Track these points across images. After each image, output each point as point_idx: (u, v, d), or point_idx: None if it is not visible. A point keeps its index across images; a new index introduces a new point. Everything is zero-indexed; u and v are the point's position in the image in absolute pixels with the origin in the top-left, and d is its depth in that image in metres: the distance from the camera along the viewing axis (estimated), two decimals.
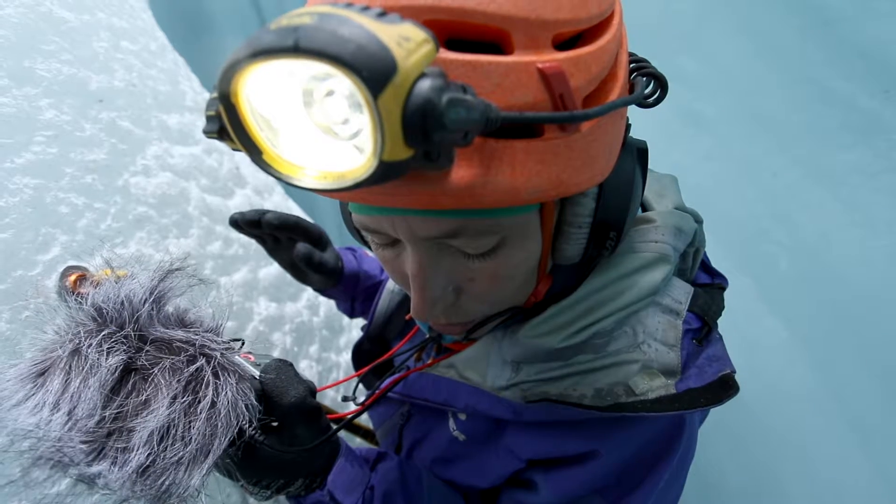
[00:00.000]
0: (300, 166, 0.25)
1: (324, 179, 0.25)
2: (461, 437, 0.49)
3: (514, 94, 0.26)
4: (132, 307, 0.35)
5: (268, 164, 0.25)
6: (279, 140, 0.25)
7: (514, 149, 0.27)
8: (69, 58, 0.57)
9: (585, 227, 0.35)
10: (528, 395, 0.42)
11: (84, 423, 0.31)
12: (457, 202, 0.27)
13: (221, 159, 0.81)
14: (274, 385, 0.41)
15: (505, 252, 0.34)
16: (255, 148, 0.25)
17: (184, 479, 0.32)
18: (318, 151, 0.25)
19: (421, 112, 0.21)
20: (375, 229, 0.35)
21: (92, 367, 0.32)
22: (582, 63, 0.28)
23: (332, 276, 0.67)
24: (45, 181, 0.49)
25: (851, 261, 0.87)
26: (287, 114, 0.25)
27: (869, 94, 0.91)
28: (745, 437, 0.92)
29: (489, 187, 0.27)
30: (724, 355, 0.41)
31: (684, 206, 0.47)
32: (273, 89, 0.24)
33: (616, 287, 0.40)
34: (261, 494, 0.43)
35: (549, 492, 0.44)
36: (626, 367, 0.40)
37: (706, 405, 0.38)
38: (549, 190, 0.29)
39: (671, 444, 0.41)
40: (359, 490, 0.45)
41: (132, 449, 0.31)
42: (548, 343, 0.40)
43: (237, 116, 0.24)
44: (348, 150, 0.25)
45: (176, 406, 0.33)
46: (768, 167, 0.97)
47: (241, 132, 0.25)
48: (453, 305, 0.37)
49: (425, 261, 0.34)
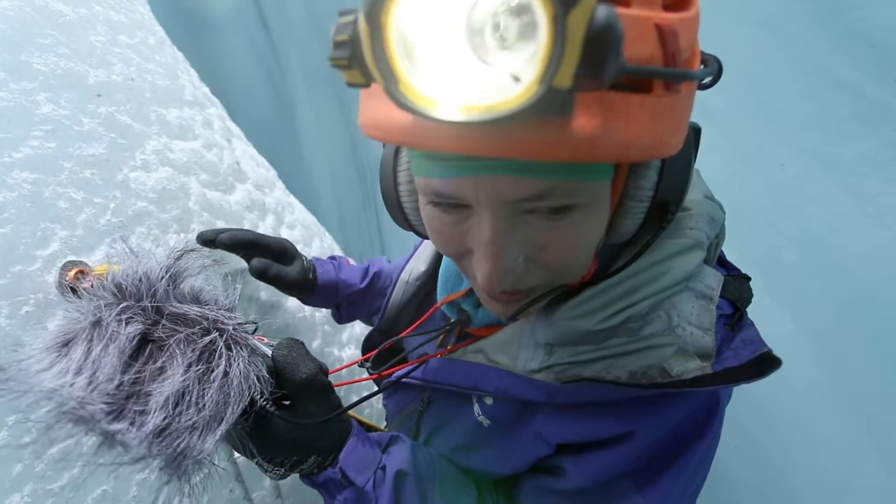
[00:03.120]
0: (438, 99, 0.24)
1: (468, 112, 0.23)
2: (486, 423, 0.49)
3: (635, 47, 0.26)
4: (149, 283, 0.37)
5: (404, 95, 0.24)
6: (418, 72, 0.24)
7: (629, 103, 0.27)
8: (66, 52, 0.56)
9: (646, 202, 0.36)
10: (562, 378, 0.42)
11: (104, 387, 0.33)
12: (575, 152, 0.27)
13: (222, 154, 0.80)
14: (286, 361, 0.42)
15: (579, 219, 0.34)
16: (392, 76, 0.24)
17: (197, 444, 0.34)
18: (463, 82, 0.24)
19: (603, 35, 0.20)
20: (451, 194, 0.34)
21: (112, 336, 0.34)
22: (686, 26, 0.29)
23: (297, 289, 0.68)
24: (43, 176, 0.49)
25: (859, 252, 0.86)
26: (439, 39, 0.24)
27: (879, 84, 0.90)
28: (752, 429, 0.91)
29: (607, 139, 0.27)
30: (759, 338, 0.41)
31: (712, 195, 0.47)
32: (431, 9, 0.23)
33: (652, 272, 0.40)
34: (275, 472, 0.43)
35: (578, 476, 0.43)
36: (661, 350, 0.40)
37: (749, 379, 0.38)
38: (655, 147, 0.29)
39: (704, 426, 0.41)
40: (370, 469, 0.45)
41: (149, 412, 0.33)
42: (584, 325, 0.40)
43: (382, 39, 0.23)
44: (501, 79, 0.23)
45: (190, 374, 0.35)
46: (775, 158, 0.96)
47: (382, 57, 0.23)
48: (521, 275, 0.37)
49: (501, 228, 0.33)
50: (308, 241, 1.03)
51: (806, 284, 0.90)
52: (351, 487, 0.44)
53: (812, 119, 0.94)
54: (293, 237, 0.96)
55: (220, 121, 0.89)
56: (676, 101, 0.29)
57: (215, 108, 0.91)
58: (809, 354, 0.89)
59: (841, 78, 0.93)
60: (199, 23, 1.88)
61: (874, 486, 0.84)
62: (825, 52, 0.95)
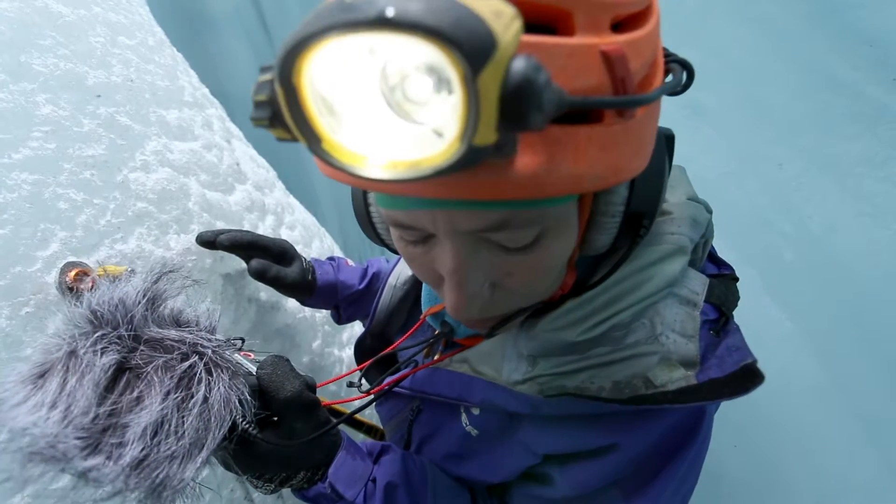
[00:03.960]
0: (365, 155, 0.23)
1: (394, 169, 0.23)
2: (474, 433, 0.49)
3: (578, 78, 0.25)
4: (125, 309, 0.37)
5: (328, 154, 0.24)
6: (342, 127, 0.23)
7: (577, 135, 0.26)
8: (66, 53, 0.56)
9: (618, 216, 0.35)
10: (545, 389, 0.42)
11: (80, 420, 0.32)
12: (520, 191, 0.26)
13: (221, 155, 0.81)
14: (270, 380, 0.41)
15: (545, 244, 0.33)
16: (314, 136, 0.23)
17: (178, 473, 0.33)
18: (387, 138, 0.23)
19: (519, 91, 0.19)
20: (410, 225, 0.34)
21: (87, 367, 0.33)
22: (638, 46, 0.27)
23: (297, 290, 0.67)
24: (43, 177, 0.49)
25: (857, 252, 0.86)
26: (356, 96, 0.23)
27: (876, 83, 0.90)
28: (750, 429, 0.92)
29: (553, 175, 0.26)
30: (744, 345, 0.41)
31: (696, 196, 0.46)
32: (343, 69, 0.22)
33: (634, 280, 0.39)
34: (265, 488, 0.43)
35: (565, 485, 0.43)
36: (645, 359, 0.39)
37: (731, 396, 0.37)
38: (609, 177, 0.28)
39: (690, 435, 0.41)
40: (360, 483, 0.45)
41: (126, 444, 0.32)
42: (566, 337, 0.40)
43: (297, 100, 0.22)
44: (425, 135, 0.23)
45: (168, 402, 0.34)
46: (773, 158, 0.96)
47: (301, 118, 0.23)
48: (489, 301, 0.36)
49: (463, 257, 0.33)
50: (308, 242, 1.03)
51: (804, 283, 0.90)
52: (341, 501, 0.44)
53: (810, 118, 0.95)
54: (293, 238, 0.96)
55: (220, 122, 0.89)
56: (632, 126, 0.28)
57: (215, 109, 0.91)
58: (807, 353, 0.89)
59: (839, 77, 0.93)
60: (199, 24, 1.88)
61: (871, 486, 0.85)
62: (823, 51, 0.95)
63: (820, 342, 0.89)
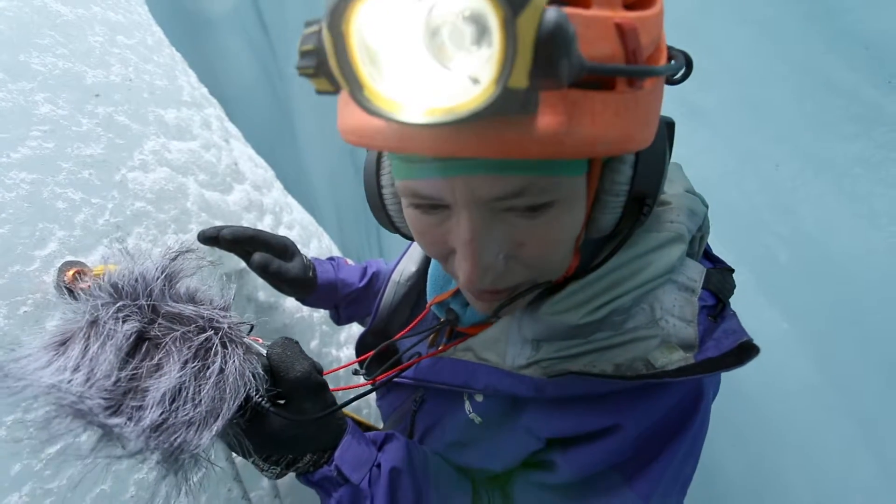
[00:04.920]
0: (403, 102, 0.25)
1: (431, 115, 0.24)
2: (477, 420, 0.49)
3: (595, 46, 0.27)
4: (146, 282, 0.38)
5: (369, 100, 0.25)
6: (382, 76, 0.25)
7: (593, 99, 0.28)
8: (64, 52, 0.56)
9: (622, 196, 0.37)
10: (549, 372, 0.43)
11: (102, 383, 0.33)
12: (542, 149, 0.28)
13: (220, 155, 0.81)
14: (280, 360, 0.42)
15: (556, 215, 0.35)
16: (357, 83, 0.25)
17: (194, 438, 0.34)
18: (425, 86, 0.25)
19: (552, 37, 0.21)
20: (428, 195, 0.35)
21: (109, 334, 0.35)
22: (647, 24, 0.29)
23: (298, 286, 0.68)
24: (41, 176, 0.49)
25: (853, 253, 0.87)
26: (399, 44, 0.24)
27: (872, 85, 0.90)
28: (746, 429, 0.92)
29: (573, 136, 0.27)
30: (740, 328, 0.42)
31: (693, 189, 0.48)
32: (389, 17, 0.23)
33: (634, 265, 0.41)
34: (271, 471, 0.44)
35: (567, 469, 0.44)
36: (645, 342, 0.40)
37: (726, 368, 0.39)
38: (622, 142, 0.30)
39: (689, 416, 0.42)
40: (366, 467, 0.46)
41: (146, 407, 0.33)
42: (569, 319, 0.41)
43: (345, 48, 0.24)
44: (461, 81, 0.24)
45: (186, 370, 0.35)
46: (770, 158, 0.97)
47: (346, 66, 0.24)
48: (502, 272, 0.38)
49: (479, 226, 0.34)
50: (306, 242, 1.03)
51: (800, 284, 0.91)
52: (346, 485, 0.45)
53: (807, 120, 0.95)
54: (291, 237, 0.96)
55: (219, 121, 0.89)
56: (641, 97, 0.30)
57: (213, 109, 0.91)
58: (803, 354, 0.90)
59: (835, 79, 0.94)
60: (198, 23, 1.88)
61: (867, 486, 0.85)
62: (819, 53, 0.96)
63: (815, 343, 0.89)
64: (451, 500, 0.49)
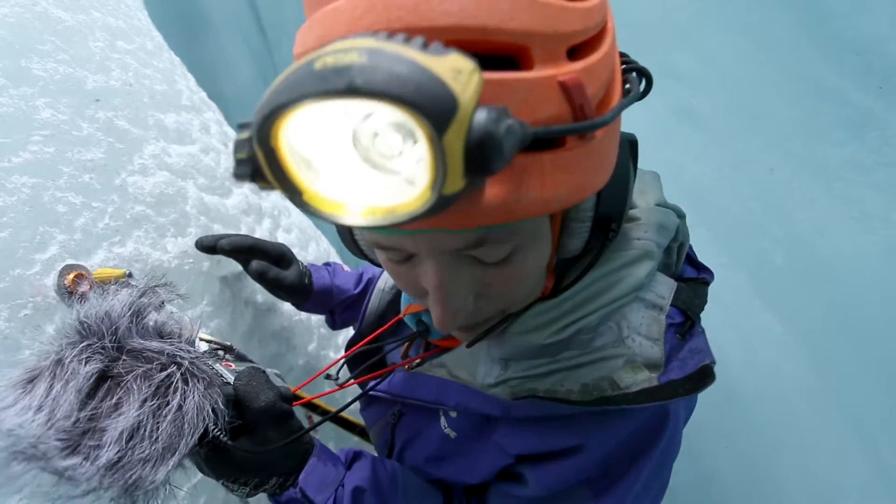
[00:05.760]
0: (343, 203, 0.25)
1: (371, 215, 0.24)
2: (452, 435, 0.50)
3: (540, 109, 0.26)
4: (111, 321, 0.39)
5: (309, 205, 0.25)
6: (320, 179, 0.25)
7: (542, 162, 0.27)
8: (65, 57, 0.57)
9: (588, 221, 0.37)
10: (517, 392, 0.43)
11: (62, 423, 0.34)
12: (492, 219, 0.28)
13: (219, 159, 0.81)
14: (245, 391, 0.44)
15: (521, 256, 0.35)
16: (295, 189, 0.25)
17: (150, 475, 0.35)
18: (363, 188, 0.25)
19: (481, 144, 0.21)
20: (392, 247, 0.35)
21: (72, 374, 0.36)
22: (594, 71, 0.29)
23: (294, 292, 0.69)
24: (42, 180, 0.49)
25: (846, 255, 0.88)
26: (331, 152, 0.24)
27: (863, 90, 0.91)
28: (741, 432, 0.92)
29: (522, 201, 0.27)
30: (706, 348, 0.42)
31: (666, 201, 0.48)
32: (316, 129, 0.23)
33: (601, 284, 0.41)
34: (240, 491, 0.46)
35: (535, 484, 0.45)
36: (612, 361, 0.41)
37: (684, 395, 0.39)
38: (575, 195, 0.30)
39: (654, 437, 0.42)
40: (331, 488, 0.47)
41: (103, 446, 0.34)
42: (535, 339, 0.41)
43: (276, 159, 0.24)
44: (397, 183, 0.24)
45: (145, 409, 0.36)
46: (764, 163, 0.98)
47: (281, 175, 0.24)
48: (473, 311, 0.38)
49: (446, 273, 0.34)
50: (304, 245, 1.04)
51: (794, 287, 0.91)
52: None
53: (800, 125, 0.96)
54: (289, 241, 0.96)
55: (218, 125, 0.90)
56: (593, 146, 0.29)
57: (212, 113, 0.91)
58: (797, 356, 0.90)
59: (827, 84, 0.95)
60: (197, 28, 1.89)
61: (862, 487, 0.86)
62: (811, 59, 0.97)
63: (809, 345, 0.90)
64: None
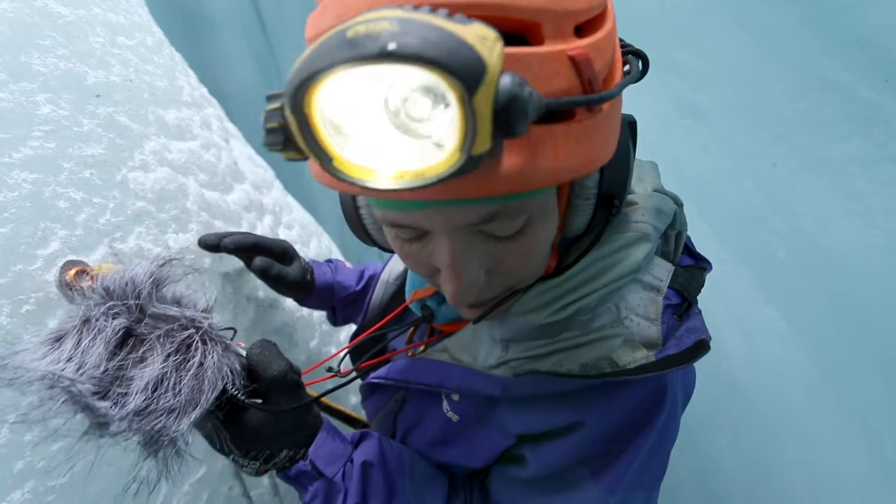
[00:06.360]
0: (373, 168, 0.26)
1: (400, 179, 0.25)
2: (455, 418, 0.51)
3: (551, 83, 0.28)
4: (135, 286, 0.41)
5: (339, 171, 0.26)
6: (349, 145, 0.26)
7: (554, 132, 0.29)
8: (65, 53, 0.57)
9: (592, 199, 0.38)
10: (518, 372, 0.44)
11: (92, 372, 0.37)
12: (510, 187, 0.29)
13: (220, 155, 0.81)
14: (258, 359, 0.45)
15: (531, 230, 0.36)
16: (326, 156, 0.26)
17: (173, 424, 0.38)
18: (391, 153, 0.26)
19: (508, 106, 0.22)
20: (406, 224, 0.36)
21: (99, 330, 0.38)
22: (600, 48, 0.30)
23: (297, 289, 0.70)
24: (43, 176, 0.49)
25: (849, 250, 0.87)
26: (362, 118, 0.25)
27: (868, 84, 0.91)
28: (743, 426, 0.93)
29: (537, 170, 0.29)
30: (703, 327, 0.43)
31: (663, 188, 0.49)
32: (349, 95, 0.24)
33: (600, 265, 0.42)
34: (250, 466, 0.46)
35: (536, 464, 0.46)
36: (610, 341, 0.42)
37: (680, 364, 0.40)
38: (585, 166, 0.31)
39: (651, 415, 0.43)
40: (340, 462, 0.48)
41: (131, 394, 0.37)
42: (535, 319, 0.42)
43: (309, 126, 0.25)
44: (426, 147, 0.25)
45: (169, 362, 0.39)
46: (767, 157, 0.97)
47: (313, 141, 0.25)
48: (485, 286, 0.39)
49: (459, 249, 0.35)
50: (306, 241, 1.04)
51: (796, 281, 0.91)
52: (321, 479, 0.47)
53: (803, 119, 0.95)
54: (291, 237, 0.96)
55: (218, 121, 0.90)
56: (600, 118, 0.31)
57: (213, 109, 0.91)
58: (800, 350, 0.90)
59: (831, 78, 0.94)
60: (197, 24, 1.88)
61: (864, 483, 0.86)
62: (815, 52, 0.96)
63: (812, 339, 0.89)
64: (426, 493, 0.51)
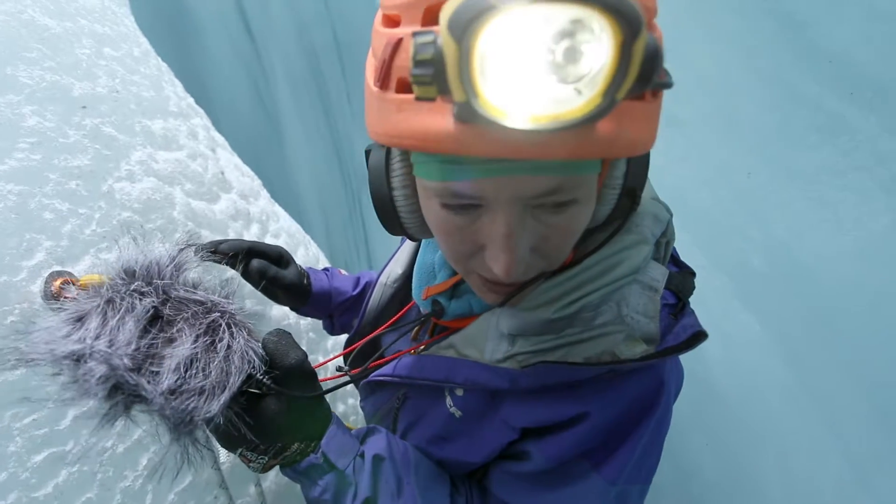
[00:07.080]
0: (507, 111, 0.27)
1: (536, 122, 0.27)
2: (458, 414, 0.52)
3: None
4: (158, 267, 0.41)
5: (481, 108, 0.27)
6: (491, 85, 0.27)
7: (634, 108, 0.32)
8: (52, 65, 0.57)
9: (617, 189, 0.41)
10: (524, 365, 0.46)
11: (123, 350, 0.36)
12: (599, 151, 0.32)
13: (206, 164, 0.81)
14: (276, 347, 0.45)
15: (577, 209, 0.38)
16: (474, 92, 0.27)
17: (204, 406, 0.38)
18: (529, 96, 0.27)
19: (652, 57, 0.26)
20: (472, 195, 0.37)
21: (129, 307, 0.38)
22: (661, 42, 0.34)
23: (294, 293, 0.70)
24: (29, 187, 0.50)
25: (821, 257, 0.91)
26: (516, 56, 0.26)
27: (837, 97, 0.95)
28: (721, 430, 0.95)
29: (621, 139, 0.32)
30: (697, 323, 0.47)
31: (658, 198, 0.52)
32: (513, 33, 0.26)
33: (603, 265, 0.45)
34: (259, 461, 0.46)
35: (540, 457, 0.47)
36: (612, 336, 0.45)
37: (679, 352, 0.44)
38: (647, 143, 0.35)
39: (651, 405, 0.46)
40: (350, 455, 0.48)
41: (164, 373, 0.37)
42: (542, 314, 0.45)
43: (469, 61, 0.26)
44: (565, 92, 0.27)
45: (199, 343, 0.39)
46: (742, 167, 1.01)
47: (467, 77, 0.26)
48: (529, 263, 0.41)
49: (516, 222, 0.37)
50: (293, 250, 1.04)
51: (771, 288, 0.94)
52: (333, 472, 0.47)
53: (776, 130, 0.99)
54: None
55: (205, 131, 0.90)
56: (657, 103, 0.35)
57: (200, 119, 0.92)
58: (775, 355, 0.93)
59: (801, 91, 0.98)
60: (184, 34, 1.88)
61: (839, 486, 0.88)
62: (787, 66, 1.00)
63: (787, 344, 0.92)
64: (431, 489, 0.52)
